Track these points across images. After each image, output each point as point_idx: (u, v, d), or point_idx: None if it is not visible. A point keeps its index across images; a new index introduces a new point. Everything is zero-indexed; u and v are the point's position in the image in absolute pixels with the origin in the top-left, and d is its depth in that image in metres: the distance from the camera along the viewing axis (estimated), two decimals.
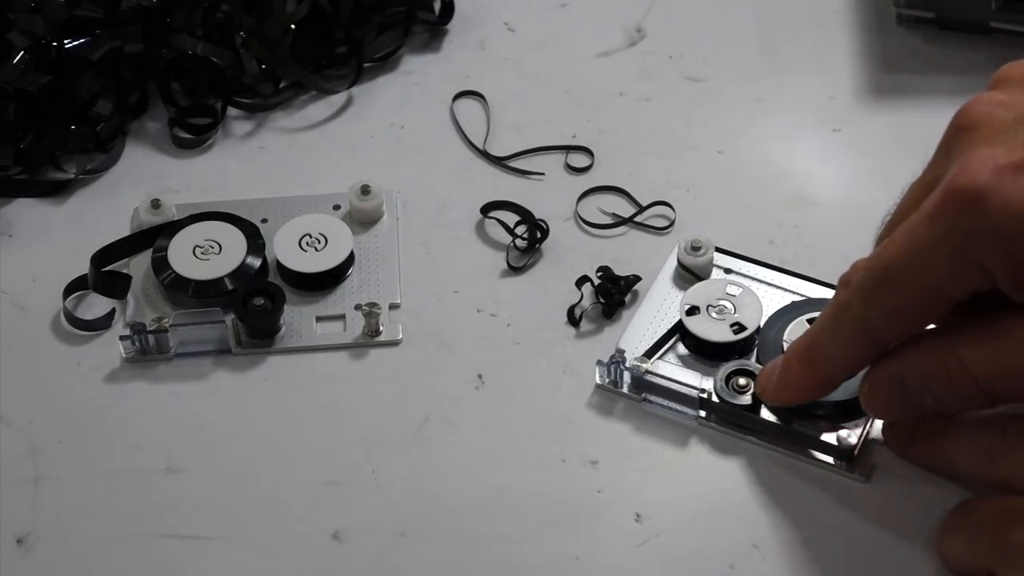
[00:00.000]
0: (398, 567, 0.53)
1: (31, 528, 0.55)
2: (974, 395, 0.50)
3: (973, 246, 0.47)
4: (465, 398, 0.58)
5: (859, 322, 0.51)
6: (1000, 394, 0.49)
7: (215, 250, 0.61)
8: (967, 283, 0.48)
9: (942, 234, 0.47)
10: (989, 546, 0.49)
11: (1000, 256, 0.47)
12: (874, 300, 0.50)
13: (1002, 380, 0.49)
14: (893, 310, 0.50)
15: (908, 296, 0.49)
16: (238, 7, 0.69)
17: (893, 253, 0.49)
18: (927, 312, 0.50)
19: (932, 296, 0.49)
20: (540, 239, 0.62)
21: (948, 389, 0.50)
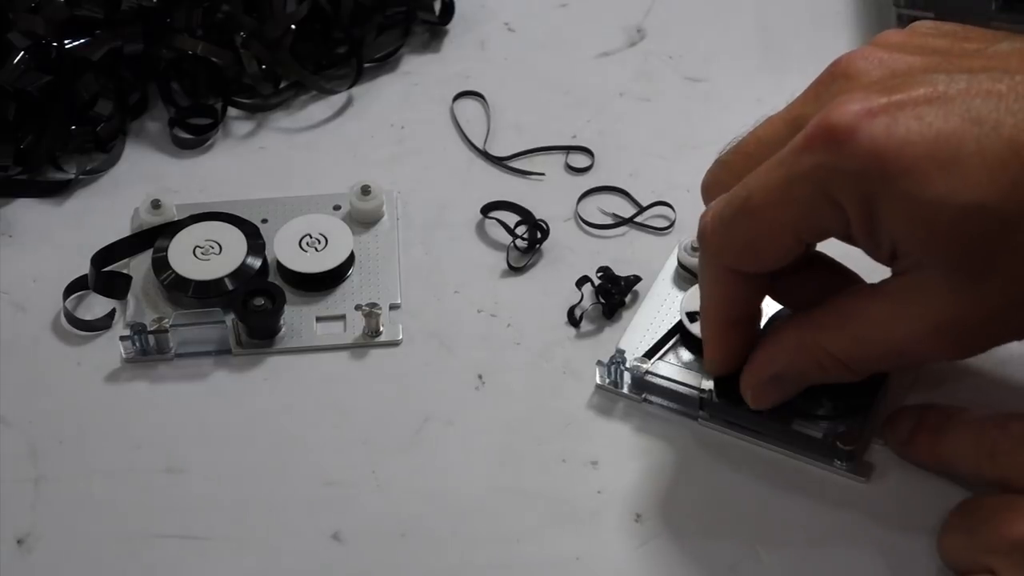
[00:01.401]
0: (398, 567, 0.53)
1: (31, 528, 0.55)
2: (845, 374, 0.52)
3: (834, 183, 0.47)
4: (465, 398, 0.58)
5: (717, 253, 0.51)
6: (869, 366, 0.52)
7: (215, 250, 0.61)
8: (821, 222, 0.49)
9: (808, 168, 0.48)
10: (990, 545, 0.49)
11: (857, 196, 0.47)
12: (732, 229, 0.50)
13: (864, 360, 0.51)
14: (748, 240, 0.50)
15: (764, 227, 0.50)
16: (238, 7, 0.69)
17: (756, 183, 0.49)
18: (779, 248, 0.50)
19: (786, 231, 0.49)
20: (540, 239, 0.63)
21: (820, 374, 0.52)
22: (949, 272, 0.47)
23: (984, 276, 0.47)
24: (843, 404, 0.56)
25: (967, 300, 0.48)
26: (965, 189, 0.46)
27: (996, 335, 0.50)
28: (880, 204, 0.47)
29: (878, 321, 0.50)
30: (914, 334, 0.49)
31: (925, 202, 0.46)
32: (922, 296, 0.48)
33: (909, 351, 0.50)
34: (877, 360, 0.52)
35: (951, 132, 0.46)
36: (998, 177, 0.45)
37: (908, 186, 0.46)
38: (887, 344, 0.50)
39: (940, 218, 0.46)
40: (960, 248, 0.47)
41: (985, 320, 0.48)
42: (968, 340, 0.50)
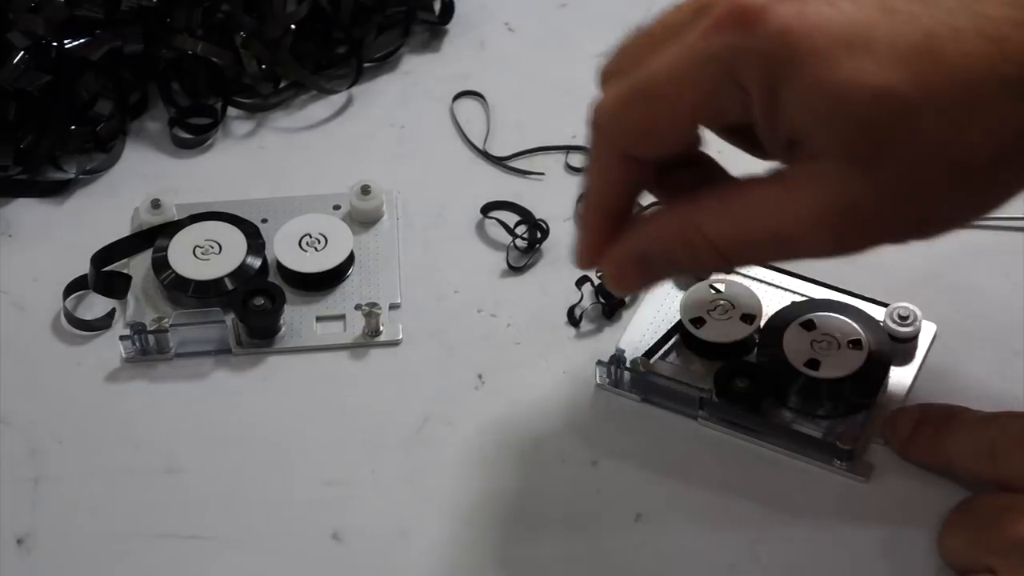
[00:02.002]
0: (398, 567, 0.53)
1: (31, 528, 0.55)
2: (716, 262, 0.50)
3: (742, 64, 0.46)
4: (465, 398, 0.58)
5: (611, 137, 0.50)
6: (739, 258, 0.50)
7: (215, 250, 0.61)
8: (722, 105, 0.48)
9: (715, 49, 0.47)
10: (990, 544, 0.49)
11: (761, 78, 0.46)
12: (629, 111, 0.49)
13: (740, 245, 0.49)
14: (646, 121, 0.49)
15: (664, 108, 0.49)
16: (238, 7, 0.69)
17: (660, 63, 0.48)
18: (676, 131, 0.49)
19: (686, 114, 0.49)
20: (540, 239, 0.63)
21: (690, 257, 0.50)
22: (844, 159, 0.46)
23: (879, 165, 0.46)
24: (843, 404, 0.56)
25: (858, 188, 0.46)
26: (873, 74, 0.45)
27: (880, 230, 0.48)
28: (785, 87, 0.46)
29: (763, 203, 0.48)
30: (799, 220, 0.47)
31: (831, 85, 0.45)
32: (813, 182, 0.47)
33: (790, 239, 0.48)
34: (753, 247, 0.49)
35: (863, 18, 0.46)
36: (907, 64, 0.45)
37: (815, 69, 0.45)
38: (768, 229, 0.48)
39: (845, 101, 0.45)
40: (860, 133, 0.46)
41: (873, 211, 0.47)
42: (852, 232, 0.48)
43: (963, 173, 0.46)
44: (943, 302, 0.59)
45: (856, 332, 0.57)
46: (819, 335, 0.57)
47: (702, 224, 0.49)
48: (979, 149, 0.45)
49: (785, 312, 0.58)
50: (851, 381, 0.56)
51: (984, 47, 0.45)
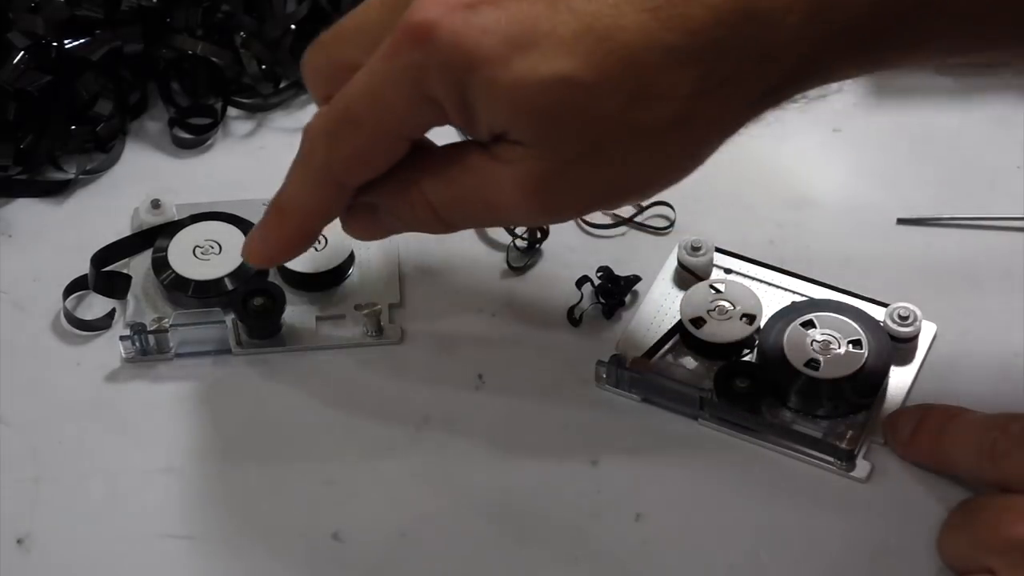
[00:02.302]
0: (398, 567, 0.53)
1: (31, 528, 0.55)
2: (434, 222, 0.53)
3: (426, 80, 0.48)
4: (465, 398, 0.58)
5: (323, 167, 0.52)
6: (457, 221, 0.53)
7: (215, 250, 0.61)
8: (422, 119, 0.50)
9: (400, 70, 0.49)
10: (989, 544, 0.49)
11: (449, 88, 0.48)
12: (336, 143, 0.51)
13: (456, 208, 0.52)
14: (355, 150, 0.51)
15: (368, 136, 0.51)
16: (238, 7, 0.69)
17: (353, 93, 0.51)
18: (387, 152, 0.51)
19: (391, 135, 0.51)
20: (540, 239, 0.62)
21: (412, 217, 0.53)
22: (539, 141, 0.49)
23: (568, 142, 0.48)
24: (843, 404, 0.56)
25: (551, 163, 0.49)
26: (542, 63, 0.47)
27: (578, 196, 0.51)
28: (470, 92, 0.48)
29: (474, 169, 0.51)
30: (504, 187, 0.50)
31: (509, 83, 0.47)
32: (515, 155, 0.49)
33: (498, 204, 0.51)
34: (466, 209, 0.52)
35: (526, 15, 0.47)
36: (573, 48, 0.47)
37: (491, 72, 0.47)
38: (478, 193, 0.51)
39: (524, 96, 0.48)
40: (545, 121, 0.48)
41: (568, 180, 0.49)
42: (551, 199, 0.50)
43: (645, 139, 0.48)
44: (943, 302, 0.59)
45: (856, 332, 0.57)
46: (819, 335, 0.57)
47: (423, 186, 0.52)
48: (655, 115, 0.48)
49: (785, 312, 0.58)
50: (851, 381, 0.56)
51: (643, 19, 0.47)
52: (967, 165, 0.65)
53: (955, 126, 0.66)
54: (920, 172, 0.65)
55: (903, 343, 0.58)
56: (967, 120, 0.66)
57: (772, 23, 0.47)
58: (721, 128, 0.49)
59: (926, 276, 0.61)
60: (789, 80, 0.49)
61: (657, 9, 0.47)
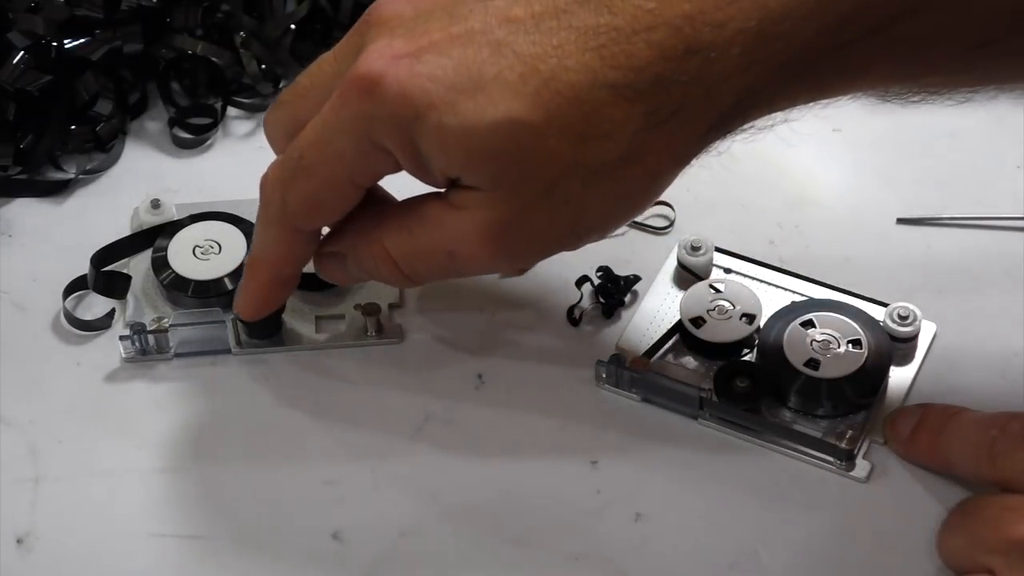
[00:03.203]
0: (398, 567, 0.53)
1: (31, 528, 0.55)
2: (398, 276, 0.54)
3: (374, 130, 0.49)
4: (465, 398, 0.58)
5: (280, 214, 0.53)
6: (419, 274, 0.53)
7: (215, 250, 0.61)
8: (373, 167, 0.51)
9: (347, 120, 0.50)
10: (989, 544, 0.49)
11: (397, 137, 0.49)
12: (291, 190, 0.52)
13: (418, 262, 0.53)
14: (308, 198, 0.52)
15: (321, 183, 0.52)
16: (238, 7, 0.69)
17: (305, 142, 0.51)
18: (340, 199, 0.52)
19: (342, 182, 0.52)
20: None
21: (375, 270, 0.54)
22: (492, 186, 0.49)
23: (522, 183, 0.49)
24: (843, 404, 0.56)
25: (507, 208, 0.50)
26: (490, 107, 0.48)
27: (539, 240, 0.51)
28: (420, 140, 0.49)
29: (433, 220, 0.51)
30: (463, 237, 0.50)
31: (457, 128, 0.48)
32: (470, 204, 0.50)
33: (458, 253, 0.51)
34: (428, 261, 0.52)
35: (471, 61, 0.48)
36: (520, 91, 0.48)
37: (439, 118, 0.48)
38: (438, 243, 0.51)
39: (473, 140, 0.48)
40: (496, 162, 0.49)
41: (525, 224, 0.50)
42: (511, 245, 0.51)
43: (598, 177, 0.49)
44: (943, 302, 0.59)
45: (856, 332, 0.57)
46: (819, 335, 0.57)
47: (385, 241, 0.53)
48: (605, 153, 0.48)
49: (785, 312, 0.58)
50: (851, 381, 0.56)
51: (587, 59, 0.48)
52: (967, 165, 0.65)
53: (954, 126, 0.66)
54: (920, 172, 0.65)
55: (903, 343, 0.58)
56: (966, 120, 0.66)
57: (715, 57, 0.47)
58: (673, 160, 0.50)
59: (926, 276, 0.61)
60: (736, 111, 0.49)
61: (600, 48, 0.47)
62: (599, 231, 0.52)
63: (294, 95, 0.54)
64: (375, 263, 0.53)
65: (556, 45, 0.48)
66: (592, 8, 0.48)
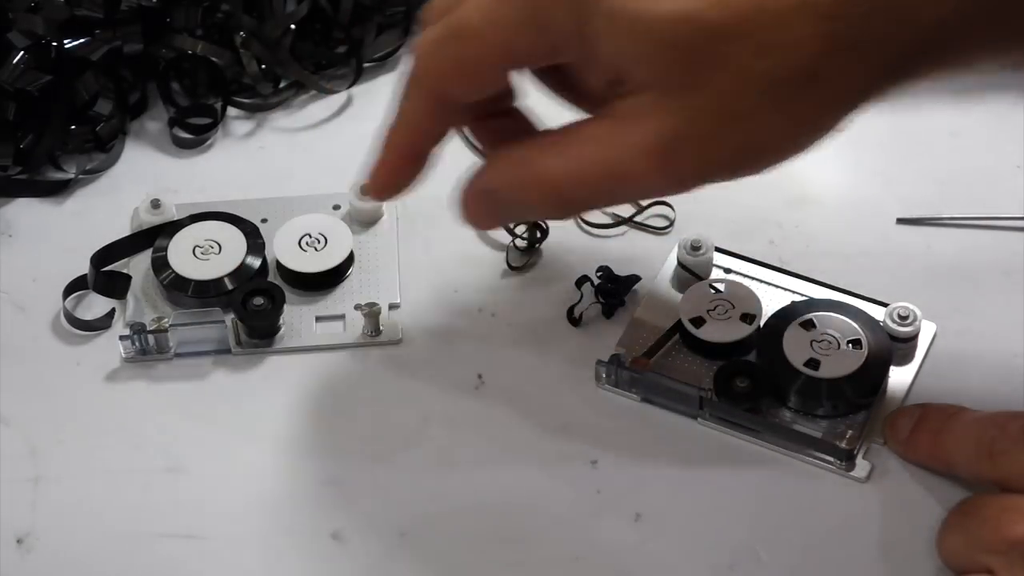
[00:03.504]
0: (398, 567, 0.53)
1: (31, 528, 0.55)
2: (556, 203, 0.51)
3: (545, 6, 0.47)
4: (465, 398, 0.58)
5: (426, 76, 0.51)
6: (579, 198, 0.51)
7: (215, 250, 0.61)
8: (534, 43, 0.49)
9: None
10: (988, 544, 0.49)
11: (569, 15, 0.47)
12: (443, 51, 0.50)
13: (576, 182, 0.50)
14: (460, 62, 0.50)
15: (477, 49, 0.50)
16: (238, 7, 0.69)
17: (468, 6, 0.49)
18: (491, 71, 0.50)
19: (499, 53, 0.49)
20: (540, 239, 0.62)
21: (533, 198, 0.51)
22: (661, 89, 0.47)
23: (694, 90, 0.47)
24: (843, 404, 0.56)
25: (677, 117, 0.47)
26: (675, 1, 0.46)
27: (707, 158, 0.48)
28: (591, 22, 0.47)
29: (593, 138, 0.49)
30: (627, 153, 0.48)
31: (633, 13, 0.46)
32: (636, 115, 0.48)
33: (621, 172, 0.48)
34: (589, 183, 0.50)
35: None
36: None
37: (617, 2, 0.46)
38: (600, 163, 0.49)
39: (648, 29, 0.46)
40: (670, 61, 0.46)
41: (694, 139, 0.47)
42: (678, 163, 0.48)
43: (776, 95, 0.46)
44: (943, 302, 0.59)
45: (856, 332, 0.57)
46: (819, 335, 0.57)
47: (543, 163, 0.50)
48: (782, 67, 0.46)
49: (785, 312, 0.58)
50: (851, 381, 0.56)
51: None
52: (967, 165, 0.65)
53: (955, 126, 0.66)
54: (920, 172, 0.65)
55: (903, 343, 0.58)
56: (966, 120, 0.66)
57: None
58: (849, 93, 0.47)
59: (926, 276, 0.61)
60: (923, 50, 0.47)
61: None
62: (770, 155, 0.49)
63: None
64: (530, 191, 0.50)
65: None
66: None
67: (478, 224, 0.55)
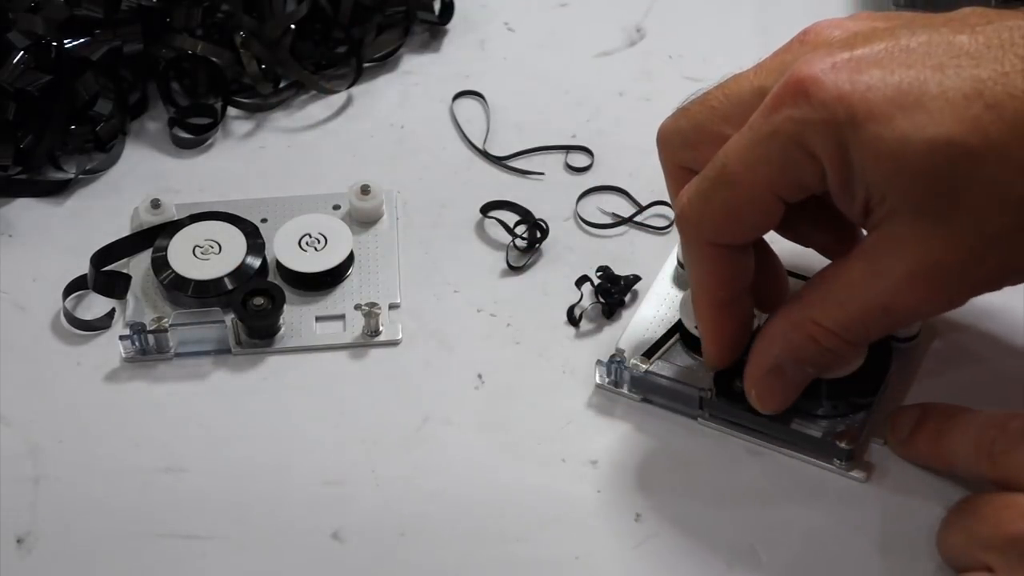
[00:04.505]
0: (398, 567, 0.53)
1: (31, 528, 0.55)
2: (841, 347, 0.52)
3: (806, 134, 0.48)
4: (465, 398, 0.58)
5: (697, 231, 0.52)
6: (861, 332, 0.52)
7: (215, 250, 0.61)
8: (798, 176, 0.49)
9: (780, 124, 0.49)
10: (988, 542, 0.49)
11: (829, 143, 0.48)
12: (710, 202, 0.51)
13: (854, 326, 0.51)
14: (728, 208, 0.51)
15: (742, 192, 0.50)
16: (238, 7, 0.69)
17: (729, 150, 0.50)
18: (760, 211, 0.51)
19: (765, 191, 0.50)
20: (540, 239, 0.63)
21: (819, 352, 0.52)
22: (919, 215, 0.48)
23: (952, 215, 0.48)
24: (843, 404, 0.56)
25: (938, 243, 0.48)
26: (929, 125, 0.47)
27: (973, 279, 0.50)
28: (851, 150, 0.48)
29: (858, 281, 0.50)
30: (894, 286, 0.49)
31: (892, 141, 0.47)
32: (895, 246, 0.49)
33: (893, 306, 0.50)
34: (866, 323, 0.51)
35: (913, 77, 0.47)
36: (961, 114, 0.47)
37: (875, 128, 0.47)
38: (870, 302, 0.50)
39: (907, 155, 0.47)
40: (925, 187, 0.47)
41: (959, 263, 0.48)
42: (946, 287, 0.49)
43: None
44: None
45: None
46: None
47: (815, 317, 0.51)
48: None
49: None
50: (851, 381, 0.56)
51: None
52: None
53: None
54: None
55: (903, 343, 0.58)
56: None
57: None
58: None
59: None
60: None
61: None
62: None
63: (702, 106, 0.53)
64: (817, 344, 0.52)
65: (1003, 72, 0.47)
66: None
67: (774, 406, 0.55)
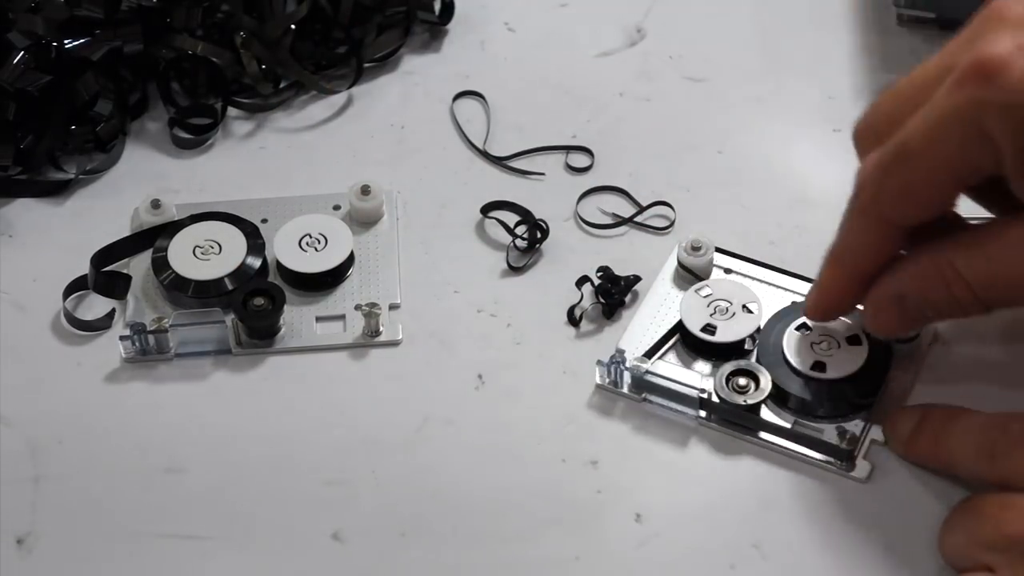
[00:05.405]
0: (398, 567, 0.53)
1: (31, 528, 0.55)
2: (971, 303, 0.51)
3: (988, 117, 0.48)
4: (465, 398, 0.58)
5: (872, 203, 0.51)
6: (995, 300, 0.51)
7: (215, 250, 0.61)
8: (977, 159, 0.49)
9: (960, 105, 0.48)
10: (989, 542, 0.49)
11: (1009, 128, 0.47)
12: (888, 177, 0.51)
13: (994, 284, 0.50)
14: (905, 186, 0.50)
15: (921, 171, 0.50)
16: (238, 7, 0.69)
17: (909, 128, 0.50)
18: (936, 191, 0.50)
19: (942, 172, 0.50)
20: (540, 239, 0.63)
21: (946, 298, 0.51)
22: None
23: None
24: (843, 404, 0.56)
25: None
26: None
27: None
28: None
29: (1015, 242, 0.50)
30: None
31: None
32: None
33: None
34: (1008, 286, 0.50)
35: None
36: None
37: None
38: (1019, 267, 0.50)
39: None
40: None
41: None
42: None
43: None
44: None
45: (856, 332, 0.57)
46: (819, 336, 0.57)
47: (957, 263, 0.51)
48: None
49: (785, 312, 0.58)
50: (851, 381, 0.56)
51: None
52: None
53: None
54: None
55: (903, 343, 0.58)
56: None
57: None
58: None
59: None
60: None
61: None
62: None
63: (891, 96, 0.52)
64: (948, 290, 0.51)
65: None
66: None
67: (886, 331, 0.55)
